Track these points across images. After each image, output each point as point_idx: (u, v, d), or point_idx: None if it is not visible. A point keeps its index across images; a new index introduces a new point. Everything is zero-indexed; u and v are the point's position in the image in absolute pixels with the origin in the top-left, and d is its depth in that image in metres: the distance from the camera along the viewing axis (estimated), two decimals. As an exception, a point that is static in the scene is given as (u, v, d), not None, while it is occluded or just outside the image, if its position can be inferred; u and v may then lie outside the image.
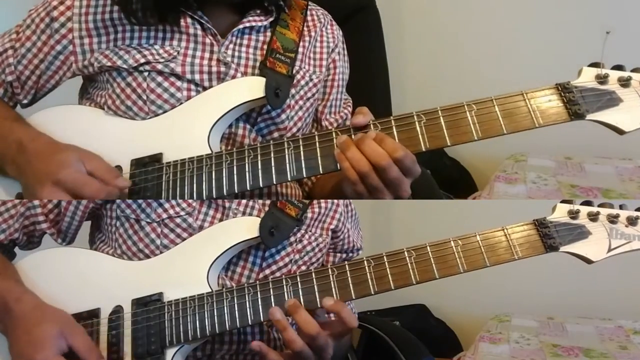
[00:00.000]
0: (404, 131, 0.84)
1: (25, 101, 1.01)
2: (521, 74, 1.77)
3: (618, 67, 0.85)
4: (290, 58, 0.97)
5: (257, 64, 0.95)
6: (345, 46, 1.11)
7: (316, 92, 1.02)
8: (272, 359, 0.85)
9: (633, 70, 0.85)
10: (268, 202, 0.95)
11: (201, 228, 0.93)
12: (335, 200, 1.03)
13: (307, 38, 1.03)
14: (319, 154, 0.86)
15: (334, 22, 1.10)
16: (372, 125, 0.85)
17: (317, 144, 0.86)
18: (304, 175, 0.86)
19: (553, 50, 1.95)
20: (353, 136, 0.85)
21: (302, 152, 0.86)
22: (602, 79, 0.84)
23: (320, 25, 1.06)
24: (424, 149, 0.84)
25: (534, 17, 2.08)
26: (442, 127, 0.84)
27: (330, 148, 0.86)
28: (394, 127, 0.85)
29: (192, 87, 0.93)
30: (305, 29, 1.03)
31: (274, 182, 0.87)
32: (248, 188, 0.87)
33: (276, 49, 0.97)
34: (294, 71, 0.98)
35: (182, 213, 0.93)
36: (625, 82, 0.84)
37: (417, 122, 0.84)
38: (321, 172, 0.86)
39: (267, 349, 0.85)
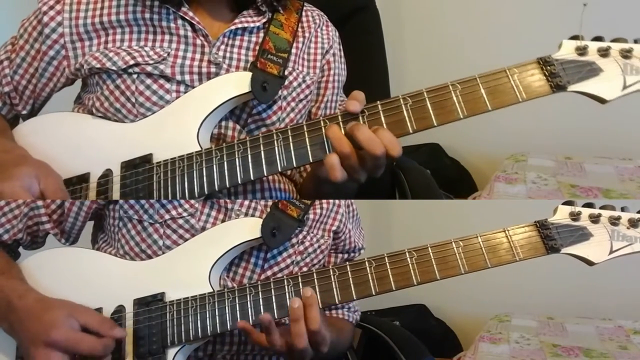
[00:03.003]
0: (392, 115, 0.84)
1: (24, 112, 1.01)
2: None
3: (597, 38, 0.85)
4: (282, 59, 0.96)
5: (249, 65, 0.95)
6: (341, 47, 1.10)
7: (309, 93, 1.02)
8: (255, 338, 0.85)
9: (612, 41, 0.84)
10: (270, 202, 0.95)
11: (203, 229, 0.93)
12: (337, 201, 1.02)
13: (301, 39, 1.02)
14: (308, 143, 0.86)
15: (329, 24, 1.09)
16: (360, 112, 0.85)
17: (306, 133, 0.86)
18: (294, 165, 0.86)
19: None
20: (342, 124, 0.84)
21: (291, 143, 0.86)
22: (582, 51, 0.84)
23: (315, 26, 1.05)
24: (411, 132, 0.84)
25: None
26: (428, 109, 0.84)
27: (319, 137, 0.85)
28: (381, 112, 0.84)
29: (182, 88, 0.93)
30: (299, 29, 1.02)
31: (265, 174, 0.86)
32: (239, 182, 0.87)
33: (268, 49, 0.96)
34: (287, 72, 0.97)
35: (185, 214, 0.93)
36: (604, 52, 0.83)
37: (403, 105, 0.84)
38: (311, 160, 0.85)
39: (252, 329, 0.85)
